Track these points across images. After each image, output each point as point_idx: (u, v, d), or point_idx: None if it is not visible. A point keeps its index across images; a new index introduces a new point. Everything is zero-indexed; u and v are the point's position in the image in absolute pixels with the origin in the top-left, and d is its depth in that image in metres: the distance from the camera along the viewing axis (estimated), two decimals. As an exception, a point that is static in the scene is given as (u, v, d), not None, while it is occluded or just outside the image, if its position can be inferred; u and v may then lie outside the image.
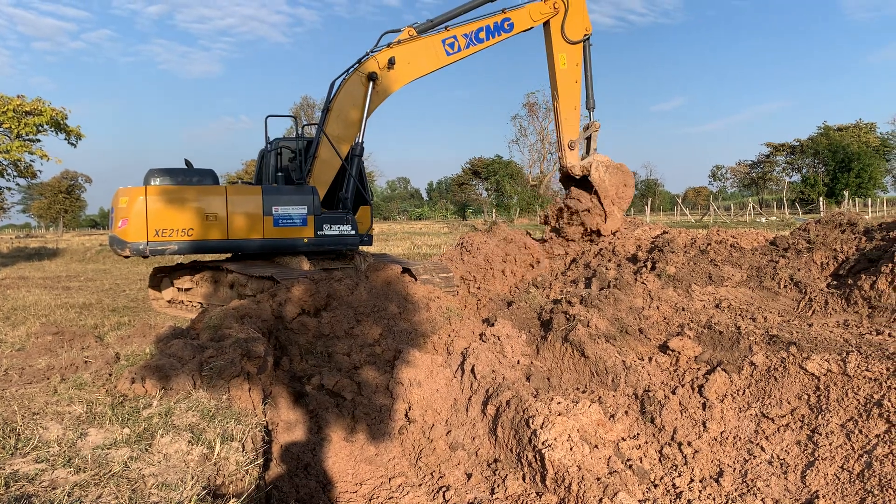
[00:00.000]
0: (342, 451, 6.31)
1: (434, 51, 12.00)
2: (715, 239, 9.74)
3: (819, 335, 5.92)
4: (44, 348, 6.93)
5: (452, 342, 7.49)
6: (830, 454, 4.70)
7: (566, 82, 12.75)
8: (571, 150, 12.65)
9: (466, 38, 12.07)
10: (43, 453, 3.98)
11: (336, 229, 11.24)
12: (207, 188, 11.02)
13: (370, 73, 11.45)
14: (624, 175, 12.62)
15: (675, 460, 5.31)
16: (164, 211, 10.46)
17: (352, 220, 11.37)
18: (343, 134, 11.75)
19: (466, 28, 12.07)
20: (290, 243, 11.09)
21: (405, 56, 11.83)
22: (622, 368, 6.43)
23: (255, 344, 6.24)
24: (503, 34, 12.33)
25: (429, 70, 12.13)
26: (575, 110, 12.77)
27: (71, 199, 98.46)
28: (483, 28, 12.13)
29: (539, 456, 5.31)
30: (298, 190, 11.28)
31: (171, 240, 10.51)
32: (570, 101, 12.81)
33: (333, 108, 11.61)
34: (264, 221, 10.90)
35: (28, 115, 28.74)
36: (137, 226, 10.36)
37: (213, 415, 4.99)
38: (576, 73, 12.68)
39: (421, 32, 11.89)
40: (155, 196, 10.56)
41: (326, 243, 11.24)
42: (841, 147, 75.16)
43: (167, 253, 10.55)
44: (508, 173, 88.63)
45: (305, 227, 11.08)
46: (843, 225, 8.60)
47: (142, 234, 10.33)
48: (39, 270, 25.07)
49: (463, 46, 12.08)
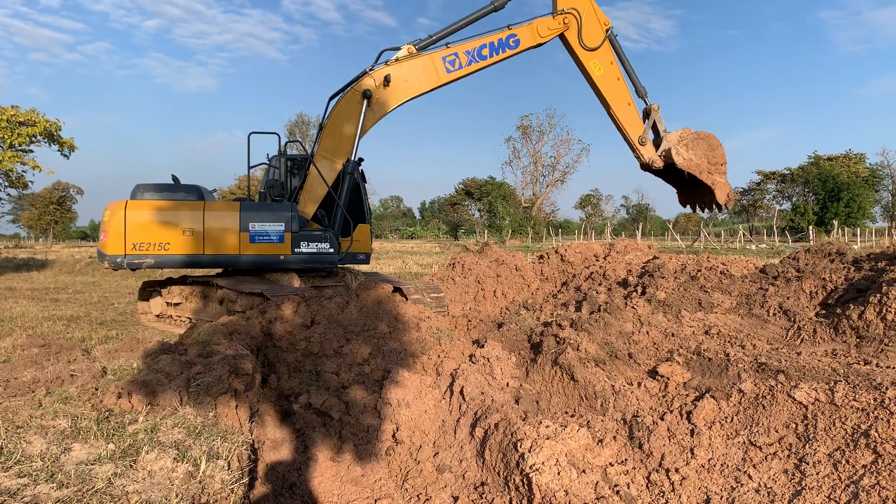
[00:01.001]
0: (328, 471, 6.26)
1: (433, 68, 11.60)
2: (705, 265, 9.79)
3: (807, 364, 5.94)
4: (30, 361, 6.86)
5: (442, 363, 7.48)
6: (818, 483, 4.69)
7: (609, 84, 11.96)
8: (643, 145, 11.89)
9: (468, 55, 11.61)
10: (26, 468, 3.94)
11: (314, 247, 11.14)
12: (185, 203, 11.19)
13: (365, 90, 11.28)
14: (705, 140, 11.69)
15: (663, 487, 5.29)
16: (142, 225, 10.74)
17: (331, 238, 11.18)
18: (337, 151, 11.73)
19: (469, 45, 11.62)
20: (266, 260, 11.11)
21: (402, 74, 11.56)
22: (611, 393, 6.42)
23: (243, 361, 6.21)
24: (508, 51, 11.75)
25: (427, 88, 11.75)
26: (630, 106, 11.95)
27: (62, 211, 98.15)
28: (487, 45, 11.61)
29: (526, 480, 5.28)
30: (276, 207, 11.29)
31: (147, 253, 10.76)
32: (621, 99, 11.99)
33: (328, 125, 11.62)
34: (240, 237, 10.97)
35: (22, 126, 28.74)
36: (116, 239, 10.68)
37: (200, 432, 4.95)
38: (614, 71, 11.89)
39: (421, 50, 11.57)
40: (134, 210, 10.86)
41: (303, 261, 11.16)
42: (831, 176, 75.95)
43: (144, 266, 10.79)
44: (501, 195, 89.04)
45: (282, 245, 11.06)
46: (832, 254, 8.66)
47: (119, 248, 10.65)
48: (27, 282, 24.88)
49: (464, 64, 11.65)
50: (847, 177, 76.65)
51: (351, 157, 11.53)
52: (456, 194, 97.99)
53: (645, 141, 11.82)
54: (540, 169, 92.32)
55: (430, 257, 35.42)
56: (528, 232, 79.92)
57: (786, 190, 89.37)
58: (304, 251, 11.09)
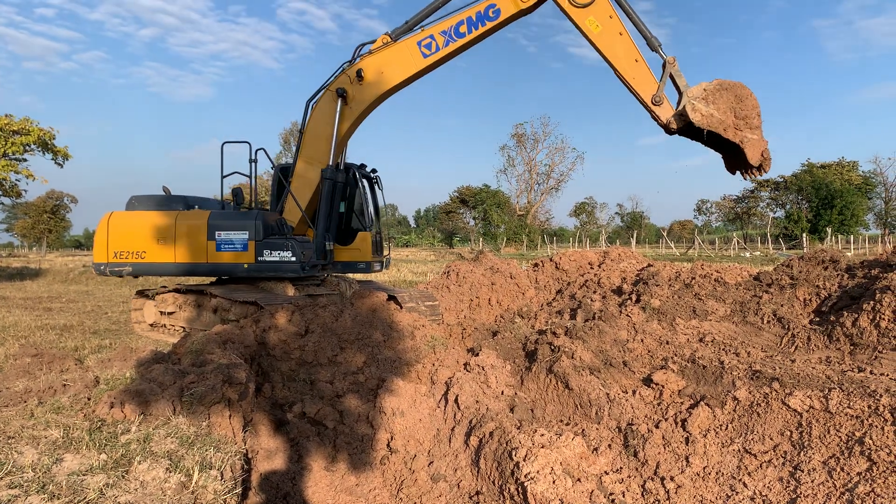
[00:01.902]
0: (322, 480, 6.23)
1: (408, 55, 10.78)
2: (699, 273, 9.81)
3: (802, 371, 5.95)
4: (22, 370, 6.82)
5: (437, 371, 7.46)
6: (812, 491, 4.69)
7: (609, 41, 10.19)
8: (658, 105, 10.17)
9: (445, 35, 10.49)
10: (17, 479, 3.90)
11: (276, 255, 11.04)
12: (160, 213, 11.54)
13: (338, 88, 10.97)
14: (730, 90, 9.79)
15: (658, 495, 5.28)
16: (122, 234, 11.38)
17: (293, 247, 11.01)
18: (320, 157, 11.57)
19: (444, 24, 10.48)
20: (230, 268, 11.24)
21: (376, 66, 10.93)
22: (606, 401, 6.42)
23: (236, 370, 6.18)
24: (488, 24, 10.35)
25: (404, 77, 10.94)
26: (638, 62, 10.16)
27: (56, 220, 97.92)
28: (464, 21, 10.37)
29: (521, 489, 5.27)
30: (242, 215, 11.35)
31: (126, 261, 11.40)
32: (626, 56, 10.19)
33: (307, 129, 11.53)
34: (208, 246, 11.17)
35: (15, 135, 28.69)
36: (100, 248, 11.45)
37: (193, 442, 4.92)
38: (614, 25, 10.12)
39: (396, 38, 10.81)
40: (116, 221, 11.53)
41: (265, 269, 11.13)
42: (824, 184, 76.28)
43: (123, 274, 11.42)
44: (496, 202, 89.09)
45: (246, 253, 11.09)
46: (826, 262, 8.70)
47: (103, 256, 11.38)
48: (21, 291, 24.78)
49: (441, 45, 10.55)
50: (840, 184, 77.02)
51: (329, 162, 11.23)
52: (451, 202, 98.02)
53: (660, 100, 10.14)
54: (534, 177, 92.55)
55: (425, 265, 35.41)
56: (523, 240, 79.99)
57: (779, 197, 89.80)
58: (267, 259, 11.06)
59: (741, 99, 9.77)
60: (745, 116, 9.65)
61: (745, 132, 9.70)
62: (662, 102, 10.09)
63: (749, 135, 9.69)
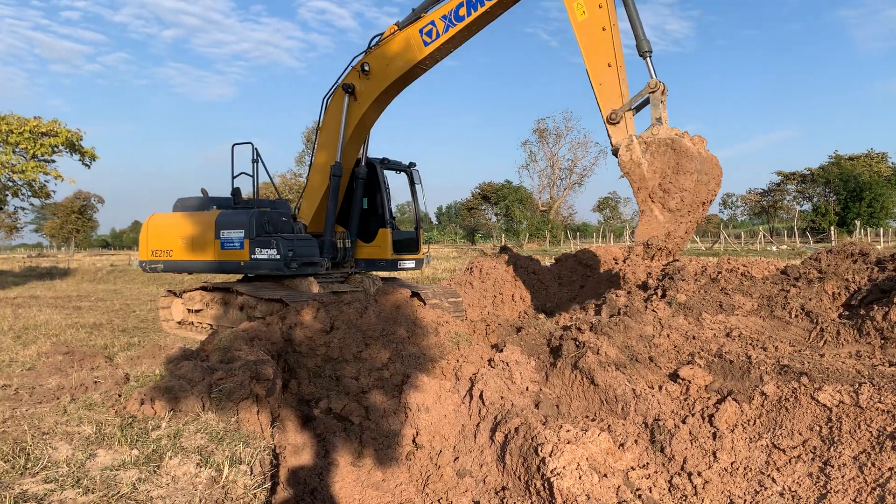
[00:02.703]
0: (349, 475, 6.28)
1: (410, 43, 10.19)
2: (725, 267, 9.72)
3: (831, 366, 5.88)
4: (54, 368, 6.95)
5: (461, 367, 7.48)
6: (843, 487, 4.64)
7: (589, 33, 8.55)
8: (613, 124, 8.36)
9: (445, 19, 9.70)
10: (52, 473, 3.99)
11: (265, 254, 11.28)
12: (185, 214, 12.33)
13: (344, 84, 10.88)
14: (678, 155, 7.78)
15: (685, 490, 5.25)
16: (157, 234, 12.42)
17: (278, 245, 11.14)
18: (331, 153, 11.58)
19: (444, 8, 9.71)
20: (233, 266, 11.64)
21: (381, 57, 10.53)
22: (632, 397, 6.39)
23: (264, 366, 6.25)
24: (487, 4, 9.39)
25: (407, 67, 10.37)
26: (609, 68, 8.40)
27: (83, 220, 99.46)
28: (463, 3, 9.47)
29: (548, 484, 5.27)
30: (241, 214, 11.68)
31: (159, 259, 12.34)
32: (599, 56, 8.48)
33: (322, 126, 11.59)
34: (215, 244, 11.65)
35: (44, 136, 29.15)
36: (143, 246, 12.63)
37: (222, 437, 4.99)
38: (601, 17, 8.47)
39: (402, 27, 10.30)
40: (154, 221, 12.62)
41: (259, 267, 11.42)
42: (852, 176, 75.01)
43: (157, 270, 12.47)
44: (518, 198, 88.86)
45: (242, 251, 11.44)
46: (855, 255, 8.57)
47: (145, 254, 12.56)
48: (51, 290, 25.22)
49: (441, 31, 9.79)
50: (869, 176, 75.72)
51: (336, 159, 11.30)
52: (472, 199, 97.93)
53: (618, 119, 8.36)
54: (557, 172, 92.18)
55: (448, 262, 35.45)
56: (546, 236, 79.71)
57: (806, 190, 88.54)
58: (259, 258, 11.31)
59: (681, 170, 7.91)
60: (667, 190, 7.91)
61: (654, 205, 8.03)
62: (619, 122, 8.44)
63: (656, 211, 8.01)
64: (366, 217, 12.74)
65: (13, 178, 29.79)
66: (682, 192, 7.62)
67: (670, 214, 7.63)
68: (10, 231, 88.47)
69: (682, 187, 7.70)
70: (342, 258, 12.27)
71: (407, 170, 13.32)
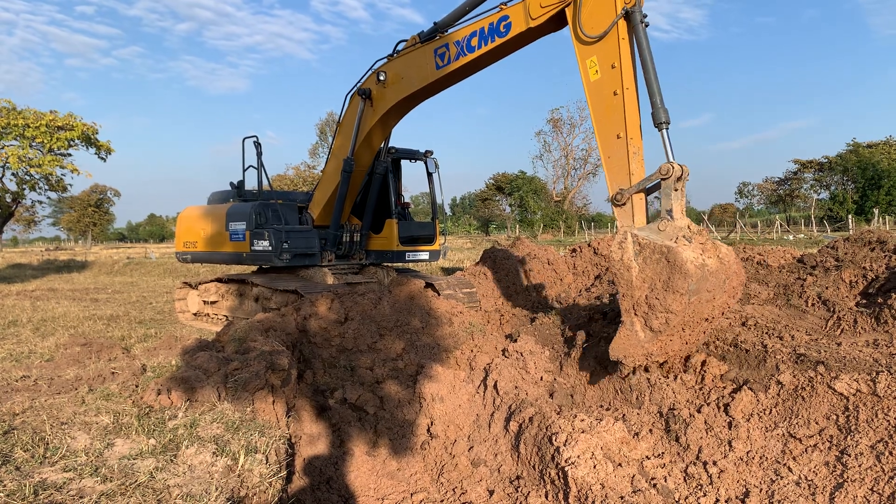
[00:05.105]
0: (364, 465, 6.32)
1: (424, 63, 9.64)
2: (742, 256, 9.65)
3: (848, 354, 5.83)
4: (72, 359, 7.03)
5: (475, 357, 7.48)
6: (860, 476, 4.61)
7: (599, 96, 7.36)
8: (618, 205, 7.21)
9: (458, 45, 9.07)
10: (71, 462, 4.04)
11: (261, 245, 11.61)
12: (207, 207, 12.99)
13: (360, 89, 10.81)
14: (671, 269, 6.07)
15: (701, 480, 5.24)
16: (186, 227, 13.20)
17: (270, 236, 11.40)
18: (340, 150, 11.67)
19: (461, 33, 9.04)
20: (238, 257, 12.05)
21: (396, 70, 10.22)
22: (646, 386, 6.37)
23: (279, 357, 6.29)
24: (498, 39, 8.57)
25: (418, 87, 9.88)
26: (619, 139, 7.12)
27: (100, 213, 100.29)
28: (476, 32, 8.80)
29: (562, 473, 5.27)
30: (244, 206, 12.01)
31: (188, 250, 13.07)
32: (607, 124, 7.28)
33: (342, 122, 11.66)
34: (224, 236, 12.18)
35: (60, 130, 29.36)
36: (178, 238, 13.44)
37: (238, 427, 5.03)
38: (614, 79, 7.23)
39: (424, 41, 9.70)
40: (185, 214, 13.42)
41: (257, 258, 11.76)
42: (871, 164, 74.03)
43: (188, 261, 13.25)
44: (532, 189, 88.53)
45: (244, 242, 11.81)
46: (873, 243, 8.48)
47: (179, 245, 13.35)
48: (68, 282, 25.47)
49: (453, 57, 9.16)
50: (888, 164, 74.64)
51: (349, 156, 11.27)
52: (486, 189, 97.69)
53: (623, 201, 7.13)
54: (571, 162, 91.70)
55: (462, 253, 35.43)
56: (560, 226, 79.42)
57: (824, 179, 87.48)
58: (256, 249, 11.70)
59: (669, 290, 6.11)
60: (652, 307, 6.30)
61: (636, 318, 6.49)
62: (626, 205, 7.16)
63: (637, 326, 6.43)
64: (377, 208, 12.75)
65: (30, 172, 30.07)
66: (668, 314, 6.16)
67: (652, 334, 6.28)
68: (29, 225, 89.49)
69: (668, 308, 6.17)
70: (349, 250, 12.32)
71: (423, 158, 13.25)
